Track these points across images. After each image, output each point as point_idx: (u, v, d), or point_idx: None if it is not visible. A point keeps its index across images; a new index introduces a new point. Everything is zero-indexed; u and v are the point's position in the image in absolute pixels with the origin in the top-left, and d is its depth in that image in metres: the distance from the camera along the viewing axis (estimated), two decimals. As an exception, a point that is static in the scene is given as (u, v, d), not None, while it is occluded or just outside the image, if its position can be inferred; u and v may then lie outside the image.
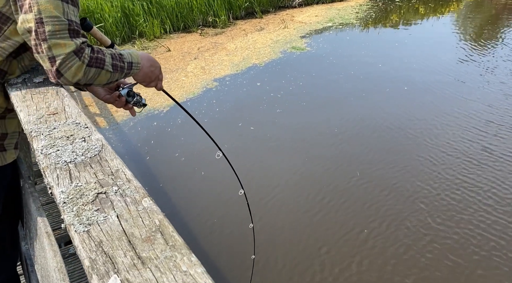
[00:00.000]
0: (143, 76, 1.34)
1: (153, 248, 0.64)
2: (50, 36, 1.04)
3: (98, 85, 1.18)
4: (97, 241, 0.66)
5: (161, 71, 1.42)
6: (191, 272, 0.59)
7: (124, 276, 0.59)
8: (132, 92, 1.43)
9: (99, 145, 0.91)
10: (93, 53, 1.11)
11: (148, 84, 1.40)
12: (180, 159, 4.08)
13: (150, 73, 1.35)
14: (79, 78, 1.09)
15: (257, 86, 5.67)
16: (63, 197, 0.75)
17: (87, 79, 1.11)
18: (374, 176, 3.69)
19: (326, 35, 7.88)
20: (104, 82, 1.18)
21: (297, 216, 3.28)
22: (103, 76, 1.15)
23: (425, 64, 6.23)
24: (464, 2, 10.66)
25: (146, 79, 1.36)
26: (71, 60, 1.06)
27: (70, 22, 1.08)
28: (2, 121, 1.35)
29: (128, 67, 1.24)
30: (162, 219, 0.70)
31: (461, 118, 4.59)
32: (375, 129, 4.47)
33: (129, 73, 1.25)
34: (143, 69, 1.31)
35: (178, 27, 8.26)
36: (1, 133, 1.36)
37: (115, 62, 1.17)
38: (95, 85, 1.18)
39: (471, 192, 3.43)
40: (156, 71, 1.37)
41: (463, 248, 2.91)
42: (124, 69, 1.22)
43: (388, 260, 2.84)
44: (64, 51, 1.05)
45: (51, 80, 1.13)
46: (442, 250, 2.90)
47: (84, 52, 1.09)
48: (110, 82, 1.20)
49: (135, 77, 1.34)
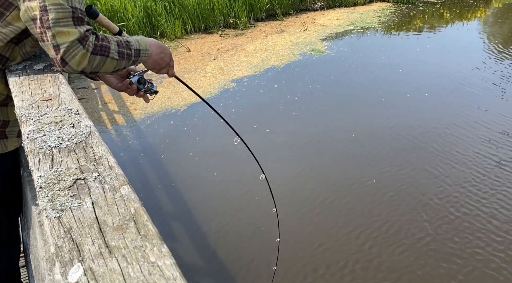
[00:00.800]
0: (152, 63, 1.32)
1: (123, 237, 0.60)
2: (53, 24, 1.03)
3: (105, 73, 1.16)
4: (67, 227, 0.63)
5: (172, 58, 1.40)
6: (159, 263, 0.55)
7: (88, 265, 0.56)
8: (143, 80, 1.42)
9: (86, 132, 0.88)
10: (97, 40, 1.09)
11: (159, 71, 1.38)
12: (194, 159, 4.06)
13: (159, 60, 1.33)
14: (84, 66, 1.07)
15: (274, 88, 5.62)
16: (41, 182, 0.72)
17: (92, 67, 1.09)
18: (389, 180, 3.58)
19: (347, 38, 7.78)
20: (111, 70, 1.16)
21: (302, 216, 3.21)
22: (109, 64, 1.13)
23: (448, 70, 6.06)
24: (492, 8, 10.37)
25: (156, 66, 1.34)
26: (75, 48, 1.04)
27: (74, 9, 1.07)
28: (4, 109, 1.35)
29: (135, 54, 1.21)
30: (138, 207, 0.66)
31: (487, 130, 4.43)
32: (393, 134, 4.36)
33: (137, 60, 1.23)
34: (152, 56, 1.29)
35: (199, 27, 8.30)
36: (2, 120, 1.36)
37: (122, 50, 1.15)
38: (102, 73, 1.16)
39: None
40: (166, 58, 1.35)
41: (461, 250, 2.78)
42: (131, 56, 1.20)
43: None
44: (67, 39, 1.03)
45: (57, 69, 1.11)
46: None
47: (88, 40, 1.07)
48: (118, 69, 1.18)
49: (145, 64, 1.32)
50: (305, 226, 3.17)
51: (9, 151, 1.40)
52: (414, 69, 6.16)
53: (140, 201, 0.68)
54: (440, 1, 10.78)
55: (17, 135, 1.43)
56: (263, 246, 2.98)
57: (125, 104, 5.37)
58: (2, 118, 1.35)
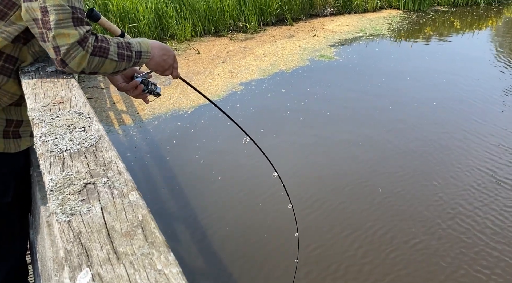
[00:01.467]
0: (155, 65, 1.33)
1: (131, 244, 0.61)
2: (54, 26, 1.05)
3: (105, 73, 1.18)
4: (76, 231, 0.64)
5: (176, 60, 1.41)
6: (165, 272, 0.56)
7: (97, 270, 0.57)
8: (146, 81, 1.45)
9: (97, 136, 0.90)
10: (97, 42, 1.10)
11: (162, 73, 1.40)
12: (199, 161, 4.07)
13: (162, 62, 1.34)
14: (83, 67, 1.09)
15: (282, 92, 5.63)
16: (52, 185, 0.74)
17: (91, 68, 1.11)
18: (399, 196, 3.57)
19: (356, 45, 7.77)
20: (110, 71, 1.17)
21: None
22: (108, 65, 1.14)
23: (457, 80, 6.03)
24: (503, 18, 10.31)
25: (158, 67, 1.35)
26: (75, 50, 1.06)
27: (74, 10, 1.08)
28: (18, 108, 1.37)
29: (136, 56, 1.22)
30: (146, 214, 0.67)
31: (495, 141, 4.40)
32: (399, 144, 4.35)
33: (138, 62, 1.24)
34: (155, 58, 1.30)
35: (209, 30, 8.34)
36: (16, 119, 1.38)
37: (121, 51, 1.16)
38: (101, 74, 1.18)
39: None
40: (169, 60, 1.36)
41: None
42: (131, 58, 1.21)
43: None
44: (68, 42, 1.05)
45: (57, 68, 1.13)
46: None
47: (88, 41, 1.09)
48: (117, 71, 1.19)
49: (147, 66, 1.34)
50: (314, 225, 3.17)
51: (22, 150, 1.43)
52: (423, 78, 6.14)
53: (147, 207, 0.70)
54: (451, 10, 10.74)
55: (30, 134, 1.45)
56: (270, 251, 2.99)
57: (133, 104, 5.40)
58: (16, 118, 1.37)
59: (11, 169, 1.44)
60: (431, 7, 10.82)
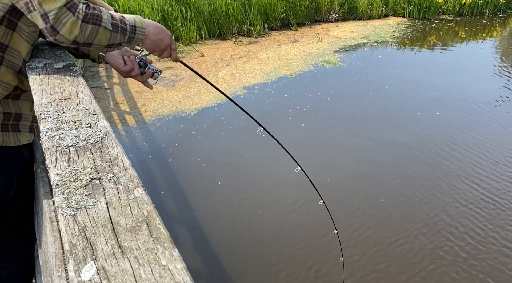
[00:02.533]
0: (152, 44, 1.30)
1: (136, 239, 0.61)
2: None
3: (99, 46, 1.14)
4: (81, 226, 0.64)
5: (173, 41, 1.37)
6: (170, 267, 0.56)
7: (101, 264, 0.57)
8: (143, 62, 1.46)
9: (103, 132, 0.90)
10: (88, 9, 1.08)
11: (160, 54, 1.37)
12: (200, 165, 4.04)
13: (158, 41, 1.30)
14: (76, 34, 1.06)
15: (284, 97, 5.63)
16: (57, 179, 0.74)
17: (85, 36, 1.07)
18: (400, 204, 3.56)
19: (360, 51, 7.79)
20: (105, 43, 1.14)
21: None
22: (102, 35, 1.11)
23: (461, 89, 6.03)
24: (508, 28, 10.33)
25: (155, 47, 1.32)
26: (65, 15, 1.03)
27: None
28: (16, 102, 1.37)
29: (131, 30, 1.20)
30: (151, 210, 0.67)
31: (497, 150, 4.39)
32: (401, 153, 4.34)
33: (133, 37, 1.22)
34: (150, 36, 1.27)
35: (214, 33, 8.37)
36: (15, 113, 1.37)
37: (115, 22, 1.14)
38: (95, 46, 1.14)
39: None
40: (165, 40, 1.33)
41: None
42: (126, 31, 1.18)
43: None
44: (54, 6, 1.02)
45: (49, 39, 1.10)
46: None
47: (78, 7, 1.06)
48: (112, 44, 1.16)
49: (144, 46, 1.31)
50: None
51: (23, 145, 1.42)
52: (426, 86, 6.13)
53: (152, 204, 0.70)
54: (455, 19, 10.77)
55: (29, 130, 1.44)
56: (268, 255, 2.98)
57: (137, 105, 5.42)
58: (15, 111, 1.37)
59: (13, 163, 1.44)
60: (436, 16, 10.84)
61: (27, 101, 1.38)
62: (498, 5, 11.47)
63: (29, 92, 1.39)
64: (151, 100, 5.56)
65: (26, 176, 1.52)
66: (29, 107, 1.40)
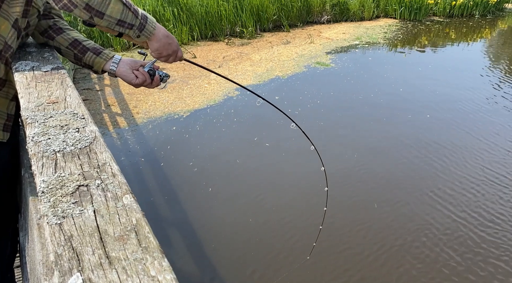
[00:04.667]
0: (159, 46, 1.29)
1: (124, 248, 0.59)
2: None
3: (111, 18, 1.13)
4: (67, 235, 0.62)
5: (179, 47, 1.38)
6: (159, 278, 0.54)
7: (88, 275, 0.55)
8: (153, 71, 1.48)
9: (91, 137, 0.88)
10: None
11: (167, 58, 1.36)
12: (193, 170, 3.98)
13: (167, 45, 1.30)
14: None
15: (276, 99, 5.61)
16: (43, 186, 0.72)
17: (98, 1, 1.07)
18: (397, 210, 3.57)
19: (352, 53, 7.82)
20: (117, 16, 1.13)
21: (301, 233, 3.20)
22: (115, 5, 1.10)
23: (450, 92, 6.07)
24: (497, 29, 10.43)
25: (163, 51, 1.31)
26: None
27: None
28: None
29: (142, 17, 1.20)
30: (140, 218, 0.65)
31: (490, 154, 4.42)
32: (392, 156, 4.35)
33: (143, 26, 1.21)
34: (159, 36, 1.27)
35: (206, 35, 8.35)
36: None
37: (128, 0, 1.15)
38: (107, 18, 1.13)
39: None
40: (173, 45, 1.33)
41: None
42: (138, 15, 1.18)
43: None
44: None
45: (58, 6, 1.09)
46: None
47: None
48: (124, 21, 1.15)
49: (151, 47, 1.30)
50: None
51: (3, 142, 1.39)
52: (416, 89, 6.16)
53: (142, 211, 0.68)
54: (446, 21, 10.86)
55: (2, 128, 1.39)
56: (262, 259, 2.96)
57: (128, 107, 5.37)
58: None
59: None
60: (427, 17, 10.93)
61: (5, 98, 1.34)
62: (488, 6, 11.59)
63: (8, 89, 1.35)
64: (143, 102, 5.52)
65: (4, 178, 1.47)
66: (6, 105, 1.36)
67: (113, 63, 1.46)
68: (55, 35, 1.45)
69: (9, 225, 1.64)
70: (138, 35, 1.23)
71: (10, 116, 1.39)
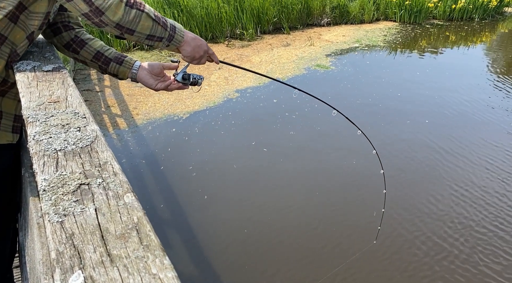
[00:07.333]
0: (191, 51, 1.32)
1: (125, 246, 0.59)
2: None
3: (140, 35, 1.15)
4: (69, 233, 0.62)
5: (208, 46, 1.39)
6: (160, 276, 0.54)
7: (89, 273, 0.55)
8: (187, 75, 1.50)
9: (92, 136, 0.88)
10: None
11: (199, 60, 1.38)
12: (191, 174, 3.95)
13: (197, 47, 1.33)
14: (120, 16, 1.08)
15: (274, 102, 5.58)
16: (45, 184, 0.72)
17: (128, 20, 1.10)
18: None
19: (352, 55, 7.83)
20: (147, 31, 1.16)
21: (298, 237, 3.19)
22: (145, 22, 1.13)
23: (448, 97, 6.04)
24: (498, 33, 10.46)
25: (195, 54, 1.34)
26: None
27: None
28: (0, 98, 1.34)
29: (171, 28, 1.22)
30: (141, 216, 0.65)
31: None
32: (392, 162, 4.35)
33: (173, 36, 1.23)
34: (189, 41, 1.29)
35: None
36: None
37: (157, 15, 1.17)
38: (137, 35, 1.15)
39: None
40: (203, 46, 1.35)
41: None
42: (167, 27, 1.20)
43: None
44: None
45: (90, 22, 1.11)
46: None
47: None
48: (154, 35, 1.18)
49: (183, 52, 1.32)
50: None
51: (2, 145, 1.38)
52: (415, 93, 6.13)
53: (143, 210, 0.68)
54: (445, 24, 10.89)
55: (11, 130, 1.39)
56: (256, 260, 2.96)
57: (128, 108, 5.37)
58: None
59: None
60: (427, 20, 10.96)
61: (13, 100, 1.35)
62: (487, 10, 11.62)
63: (16, 90, 1.36)
64: (143, 103, 5.52)
65: (5, 179, 1.47)
66: (14, 107, 1.37)
67: (134, 70, 1.52)
68: (79, 49, 1.50)
69: (10, 225, 1.64)
70: (167, 45, 1.27)
71: (18, 117, 1.40)
